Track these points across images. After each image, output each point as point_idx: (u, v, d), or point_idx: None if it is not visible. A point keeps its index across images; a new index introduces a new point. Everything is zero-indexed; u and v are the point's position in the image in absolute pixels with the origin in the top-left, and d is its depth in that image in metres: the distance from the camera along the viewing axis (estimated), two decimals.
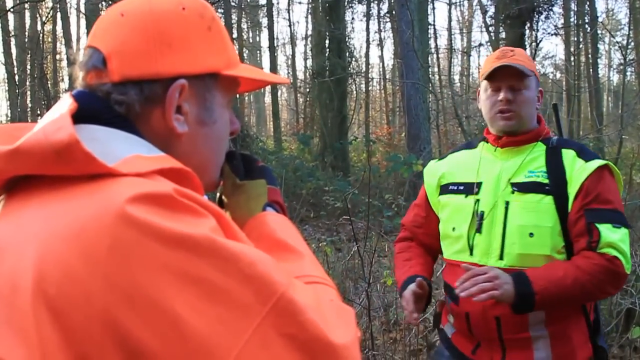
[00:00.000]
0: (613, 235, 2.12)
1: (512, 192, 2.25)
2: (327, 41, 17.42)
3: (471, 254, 2.28)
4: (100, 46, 0.99)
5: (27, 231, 0.81)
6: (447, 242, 2.41)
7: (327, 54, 17.22)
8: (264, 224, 1.14)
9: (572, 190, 2.19)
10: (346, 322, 0.91)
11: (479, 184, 2.34)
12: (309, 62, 22.66)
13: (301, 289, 0.87)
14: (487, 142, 2.42)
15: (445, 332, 2.45)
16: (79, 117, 0.91)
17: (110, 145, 0.89)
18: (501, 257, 2.20)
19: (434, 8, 25.88)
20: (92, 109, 0.95)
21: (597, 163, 2.21)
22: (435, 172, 2.54)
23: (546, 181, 2.22)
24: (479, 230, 2.27)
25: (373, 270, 6.06)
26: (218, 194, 1.26)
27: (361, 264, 4.75)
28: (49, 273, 0.76)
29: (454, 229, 2.35)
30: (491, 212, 2.26)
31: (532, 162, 2.29)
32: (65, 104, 0.92)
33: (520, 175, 2.27)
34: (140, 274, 0.75)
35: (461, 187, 2.39)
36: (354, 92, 21.38)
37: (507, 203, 2.24)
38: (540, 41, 15.35)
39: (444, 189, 2.46)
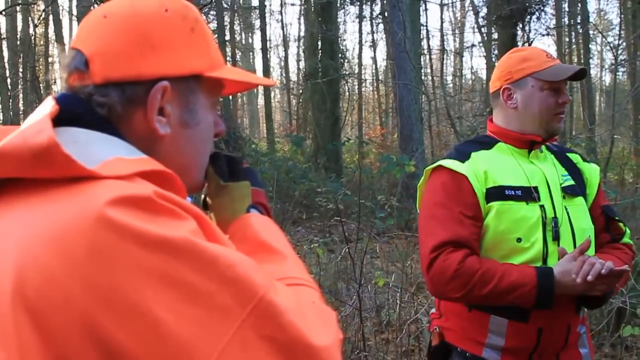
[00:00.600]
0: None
1: (564, 197, 2.22)
2: (319, 42, 17.43)
3: (544, 263, 2.12)
4: (83, 48, 0.99)
5: (8, 234, 0.81)
6: (501, 254, 2.14)
7: (319, 56, 17.23)
8: (248, 225, 1.14)
9: (591, 191, 2.34)
10: (327, 324, 0.91)
11: (536, 189, 2.19)
12: (302, 64, 22.65)
13: (282, 291, 0.87)
14: (504, 142, 2.31)
15: (487, 359, 2.20)
16: (61, 120, 0.91)
17: (91, 147, 0.89)
18: None
19: (426, 9, 25.92)
20: (73, 111, 0.95)
21: (596, 165, 2.41)
22: (478, 174, 2.19)
23: (575, 184, 2.29)
24: (556, 238, 2.14)
25: (366, 272, 6.07)
26: (202, 196, 1.26)
27: (352, 265, 4.75)
28: (29, 276, 0.76)
29: (519, 239, 2.11)
30: (562, 218, 2.18)
31: (558, 165, 2.33)
32: (47, 107, 0.92)
33: (560, 179, 2.27)
34: (120, 277, 0.75)
35: (519, 192, 2.17)
36: (347, 93, 21.40)
37: (566, 207, 2.20)
38: (532, 42, 15.35)
39: (498, 194, 2.16)
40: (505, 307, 2.12)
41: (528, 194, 2.16)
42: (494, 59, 15.67)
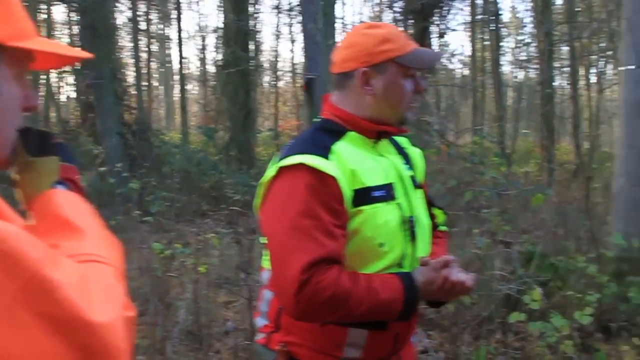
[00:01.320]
0: None
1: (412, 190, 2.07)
2: (234, 34, 17.29)
3: (400, 266, 1.96)
4: None
5: None
6: (363, 261, 1.92)
7: (233, 47, 17.10)
8: (50, 202, 1.10)
9: (420, 178, 2.20)
10: (112, 300, 0.88)
11: (392, 185, 1.99)
12: (219, 55, 22.54)
13: (64, 267, 0.83)
14: (355, 132, 2.02)
15: None
16: None
17: None
18: None
19: (344, 4, 26.09)
20: None
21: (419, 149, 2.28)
22: (346, 174, 1.90)
23: (413, 174, 2.13)
24: (413, 239, 1.99)
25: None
26: (10, 172, 1.21)
27: (241, 254, 4.73)
28: None
29: (381, 244, 1.91)
30: (416, 216, 2.03)
31: (397, 155, 2.14)
32: None
33: (404, 170, 2.09)
34: None
35: (383, 192, 1.94)
36: (263, 85, 21.36)
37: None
38: (442, 36, 15.67)
39: (365, 197, 1.91)
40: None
41: (389, 193, 1.96)
42: None
